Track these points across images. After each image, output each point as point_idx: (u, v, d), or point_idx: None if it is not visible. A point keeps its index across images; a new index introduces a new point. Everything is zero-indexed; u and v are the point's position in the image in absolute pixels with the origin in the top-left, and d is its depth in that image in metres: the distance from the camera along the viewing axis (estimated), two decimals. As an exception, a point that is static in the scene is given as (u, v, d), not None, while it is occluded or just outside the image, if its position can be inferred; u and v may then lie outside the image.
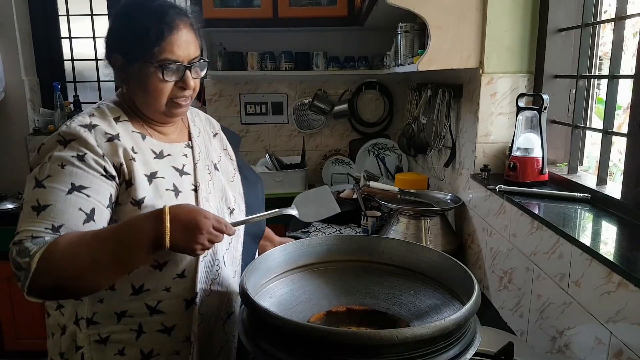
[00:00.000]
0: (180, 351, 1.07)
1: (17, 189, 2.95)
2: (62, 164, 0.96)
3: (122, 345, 1.05)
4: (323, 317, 1.02)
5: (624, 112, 1.42)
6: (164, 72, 1.02)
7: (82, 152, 0.97)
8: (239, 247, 1.17)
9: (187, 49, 1.04)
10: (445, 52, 1.62)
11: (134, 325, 1.04)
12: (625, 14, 1.24)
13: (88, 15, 3.21)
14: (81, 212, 0.94)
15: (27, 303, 2.98)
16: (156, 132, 1.13)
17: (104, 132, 1.01)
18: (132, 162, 1.01)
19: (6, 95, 3.04)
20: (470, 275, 0.93)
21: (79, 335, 1.05)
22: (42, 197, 0.94)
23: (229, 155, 1.28)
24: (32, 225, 0.93)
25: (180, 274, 1.05)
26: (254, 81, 3.19)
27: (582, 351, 1.05)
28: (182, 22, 1.04)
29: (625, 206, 1.16)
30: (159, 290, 1.04)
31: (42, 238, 0.91)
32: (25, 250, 0.89)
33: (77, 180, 0.95)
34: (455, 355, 0.80)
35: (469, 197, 1.81)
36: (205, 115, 1.34)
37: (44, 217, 0.93)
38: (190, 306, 1.06)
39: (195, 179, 1.11)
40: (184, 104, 1.10)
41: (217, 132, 1.30)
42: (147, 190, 1.02)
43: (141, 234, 0.91)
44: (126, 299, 1.03)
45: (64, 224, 0.93)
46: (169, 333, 1.06)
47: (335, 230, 2.19)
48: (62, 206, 0.93)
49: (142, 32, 1.01)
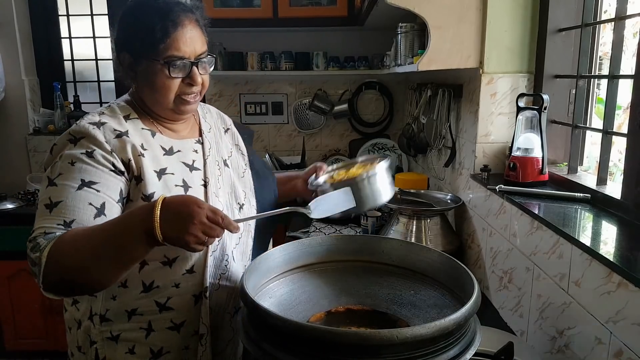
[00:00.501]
0: (189, 345, 1.08)
1: (17, 189, 2.95)
2: (72, 162, 0.98)
3: (132, 343, 1.06)
4: (323, 317, 1.02)
5: (624, 112, 1.42)
6: (170, 68, 1.03)
7: (91, 149, 0.99)
8: (250, 241, 1.18)
9: (192, 45, 1.05)
10: (445, 52, 1.62)
11: (143, 323, 1.05)
12: (625, 14, 1.24)
13: (88, 15, 3.21)
14: (91, 206, 0.95)
15: (27, 303, 2.98)
16: (166, 129, 1.14)
17: (112, 129, 1.03)
18: (141, 157, 1.02)
19: (6, 95, 3.03)
20: (470, 275, 0.93)
21: (93, 331, 1.07)
22: (54, 194, 0.95)
23: (241, 150, 1.29)
24: (46, 222, 0.94)
25: (190, 270, 1.05)
26: (254, 81, 3.19)
27: (582, 351, 1.05)
28: (187, 19, 1.04)
29: (625, 206, 1.16)
30: (169, 286, 1.05)
31: (53, 234, 0.91)
32: (37, 246, 0.90)
33: (86, 176, 0.97)
34: (455, 356, 0.79)
35: (469, 197, 1.81)
36: (217, 111, 1.34)
37: (56, 214, 0.94)
38: (198, 301, 1.07)
39: (205, 174, 1.12)
40: (193, 101, 1.10)
41: (228, 128, 1.30)
42: (157, 185, 1.02)
43: (135, 225, 0.89)
44: (137, 296, 1.04)
45: (75, 219, 0.94)
46: (179, 330, 1.07)
47: (335, 230, 2.19)
48: (72, 202, 0.94)
49: (148, 29, 1.01)
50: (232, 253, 1.12)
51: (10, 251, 2.67)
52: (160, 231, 0.87)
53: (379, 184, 1.13)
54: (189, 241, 0.88)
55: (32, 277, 0.92)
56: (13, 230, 2.67)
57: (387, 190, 1.15)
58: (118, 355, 1.06)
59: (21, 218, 2.68)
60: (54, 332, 2.77)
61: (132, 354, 1.06)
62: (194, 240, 0.88)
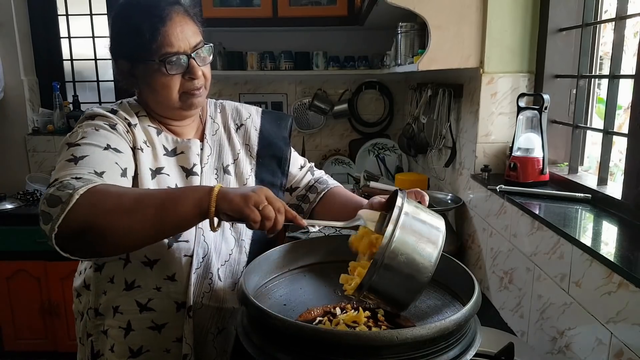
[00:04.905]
0: (170, 350, 1.07)
1: (17, 189, 2.94)
2: (97, 128, 0.98)
3: (113, 341, 1.06)
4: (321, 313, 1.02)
5: (625, 112, 1.41)
6: (166, 66, 1.00)
7: (114, 122, 1.00)
8: (243, 259, 1.14)
9: (185, 38, 1.01)
10: (445, 52, 1.62)
11: (122, 322, 1.05)
12: (626, 13, 1.24)
13: (87, 15, 3.20)
14: (117, 166, 0.94)
15: (26, 304, 2.96)
16: (171, 132, 1.12)
17: (124, 117, 1.04)
18: (139, 152, 1.02)
19: (5, 95, 3.03)
20: (470, 275, 0.92)
21: (89, 324, 1.09)
22: (77, 152, 0.91)
23: (250, 151, 1.21)
24: (73, 170, 0.86)
25: (171, 277, 1.04)
26: (253, 81, 3.18)
27: (583, 352, 1.05)
28: (174, 11, 1.01)
29: (625, 206, 1.15)
30: (150, 288, 1.04)
31: (87, 179, 0.84)
32: (69, 185, 0.80)
33: (112, 142, 0.97)
34: (456, 356, 0.79)
35: (470, 197, 1.81)
36: (235, 105, 1.26)
37: (83, 165, 0.88)
38: (180, 309, 1.05)
39: (201, 182, 1.10)
40: (199, 94, 1.07)
41: (242, 124, 1.22)
42: (150, 183, 1.02)
43: (193, 189, 0.85)
44: (120, 293, 1.04)
45: (105, 172, 0.89)
46: (159, 330, 1.06)
47: (335, 231, 2.18)
48: (100, 158, 0.92)
49: (136, 30, 0.99)
50: (217, 272, 1.09)
51: (9, 251, 2.66)
52: (221, 191, 0.81)
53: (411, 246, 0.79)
54: (250, 200, 0.79)
55: (40, 222, 0.80)
56: (12, 230, 2.66)
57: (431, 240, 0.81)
58: (105, 350, 1.07)
59: (20, 218, 2.68)
60: (53, 332, 2.76)
61: (112, 352, 1.06)
62: (255, 202, 0.79)
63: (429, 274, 0.79)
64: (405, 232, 0.79)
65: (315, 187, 1.29)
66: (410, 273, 0.79)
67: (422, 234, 0.81)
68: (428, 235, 0.81)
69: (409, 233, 0.79)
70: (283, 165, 1.24)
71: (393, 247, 0.77)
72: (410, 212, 0.81)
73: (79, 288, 1.11)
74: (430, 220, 0.84)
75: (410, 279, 0.79)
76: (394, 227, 0.78)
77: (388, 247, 0.77)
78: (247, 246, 1.15)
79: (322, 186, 1.29)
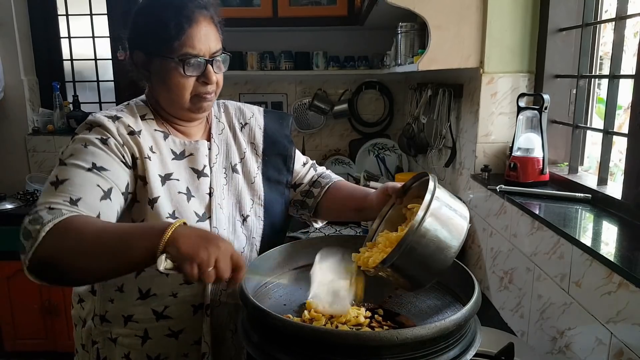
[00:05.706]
0: (189, 354, 1.06)
1: (17, 189, 2.94)
2: (85, 144, 0.97)
3: (128, 349, 1.05)
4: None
5: (625, 112, 1.41)
6: (185, 66, 1.01)
7: (106, 136, 0.99)
8: (254, 256, 1.14)
9: (207, 42, 1.03)
10: (445, 52, 1.62)
11: (139, 331, 1.04)
12: (626, 13, 1.24)
13: (87, 15, 3.20)
14: (99, 188, 0.93)
15: (27, 304, 2.96)
16: (179, 132, 1.12)
17: (127, 124, 1.02)
18: (147, 160, 1.01)
19: (5, 95, 3.03)
20: (470, 275, 0.92)
21: (94, 331, 1.07)
22: (61, 173, 0.93)
23: (256, 149, 1.21)
24: (51, 197, 0.90)
25: (188, 280, 1.03)
26: (253, 81, 3.18)
27: (583, 352, 1.05)
28: (202, 15, 1.03)
29: (625, 206, 1.15)
30: (166, 295, 1.03)
31: (58, 210, 0.86)
32: (38, 219, 0.85)
33: (98, 160, 0.95)
34: (456, 356, 0.79)
35: (470, 197, 1.81)
36: (238, 105, 1.27)
37: (61, 191, 0.90)
38: (198, 311, 1.05)
39: (211, 182, 1.10)
40: (209, 98, 1.08)
41: (246, 123, 1.23)
42: (160, 190, 1.01)
43: (148, 231, 0.82)
44: (133, 302, 1.03)
45: (81, 198, 0.90)
46: (177, 337, 1.05)
47: (335, 231, 2.19)
48: (80, 181, 0.92)
49: (162, 26, 0.99)
50: None
51: (10, 251, 2.66)
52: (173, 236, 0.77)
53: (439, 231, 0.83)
54: (198, 256, 0.76)
55: (19, 251, 0.85)
56: (12, 230, 2.64)
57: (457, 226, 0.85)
58: (116, 357, 1.05)
59: (20, 218, 2.60)
60: (53, 332, 2.77)
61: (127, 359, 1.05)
62: (205, 257, 0.76)
63: (454, 253, 0.84)
64: (436, 215, 0.83)
65: (318, 182, 1.30)
66: (436, 252, 0.83)
67: (451, 218, 0.86)
68: (454, 222, 0.86)
69: (439, 216, 0.84)
70: (288, 162, 1.25)
71: (426, 223, 0.81)
72: (440, 197, 0.86)
73: (83, 293, 1.10)
74: (457, 206, 0.89)
75: (434, 259, 0.84)
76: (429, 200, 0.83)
77: (422, 222, 0.81)
78: (258, 244, 1.16)
79: (326, 180, 1.30)
